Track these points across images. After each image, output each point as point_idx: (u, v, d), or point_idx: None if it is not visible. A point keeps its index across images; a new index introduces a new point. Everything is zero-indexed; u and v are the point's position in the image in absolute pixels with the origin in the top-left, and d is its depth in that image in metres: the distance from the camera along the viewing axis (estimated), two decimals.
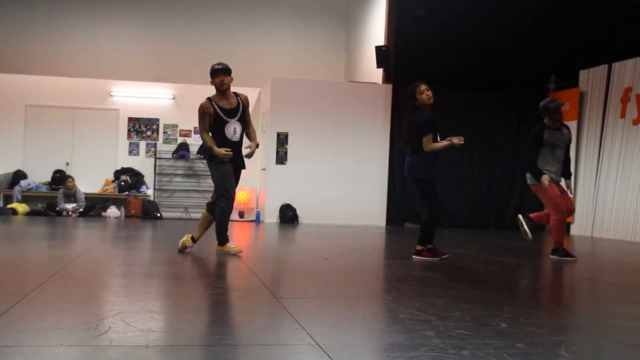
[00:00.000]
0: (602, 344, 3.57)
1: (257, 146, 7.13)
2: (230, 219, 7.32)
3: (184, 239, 7.09)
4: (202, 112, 6.91)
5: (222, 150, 6.81)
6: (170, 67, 16.02)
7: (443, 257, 7.12)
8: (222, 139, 6.91)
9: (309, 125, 13.92)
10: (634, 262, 8.46)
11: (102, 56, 16.07)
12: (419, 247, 7.17)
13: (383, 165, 14.09)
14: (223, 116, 6.88)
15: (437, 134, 7.04)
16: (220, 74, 6.87)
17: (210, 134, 6.93)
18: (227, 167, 6.92)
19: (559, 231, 7.71)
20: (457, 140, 6.91)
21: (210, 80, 6.93)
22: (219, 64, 6.93)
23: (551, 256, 7.77)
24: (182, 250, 7.02)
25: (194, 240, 7.09)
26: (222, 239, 7.03)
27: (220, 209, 6.93)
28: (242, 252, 7.11)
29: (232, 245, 7.05)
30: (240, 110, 6.97)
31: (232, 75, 7.01)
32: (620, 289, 5.82)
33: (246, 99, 7.10)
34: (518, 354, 3.06)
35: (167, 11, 16.36)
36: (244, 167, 7.18)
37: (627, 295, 5.46)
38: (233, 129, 6.92)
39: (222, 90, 6.91)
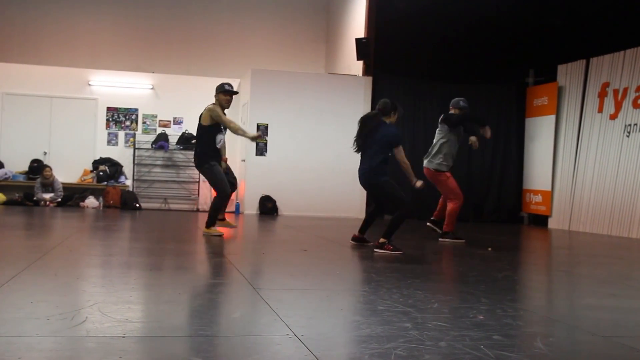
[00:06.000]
0: (577, 336, 3.61)
1: None
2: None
3: None
4: (217, 111, 7.77)
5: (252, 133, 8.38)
6: (149, 56, 15.87)
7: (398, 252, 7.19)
8: (212, 143, 7.83)
9: (289, 116, 13.88)
10: (609, 256, 8.55)
11: (80, 45, 15.90)
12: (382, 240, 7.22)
13: None
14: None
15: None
16: (230, 95, 7.83)
17: (203, 138, 7.80)
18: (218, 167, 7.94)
19: (454, 217, 8.60)
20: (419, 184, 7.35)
21: (217, 94, 7.80)
22: (230, 85, 7.90)
23: (441, 239, 8.56)
24: None
25: None
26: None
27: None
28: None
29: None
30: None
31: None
32: (596, 282, 5.88)
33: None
34: (495, 346, 3.09)
35: (146, 0, 16.23)
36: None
37: (602, 288, 5.52)
38: (220, 138, 7.86)
39: (224, 107, 7.83)
